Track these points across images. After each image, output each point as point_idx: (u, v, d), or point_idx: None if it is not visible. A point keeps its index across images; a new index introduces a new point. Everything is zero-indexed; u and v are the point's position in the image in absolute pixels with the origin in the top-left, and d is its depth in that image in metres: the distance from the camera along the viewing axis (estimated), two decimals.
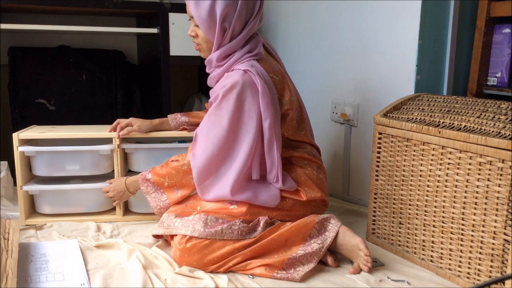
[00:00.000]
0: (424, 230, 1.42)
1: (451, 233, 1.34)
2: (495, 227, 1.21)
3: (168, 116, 1.77)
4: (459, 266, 1.33)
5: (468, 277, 1.30)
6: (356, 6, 1.90)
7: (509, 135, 1.18)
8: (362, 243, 1.39)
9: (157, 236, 1.54)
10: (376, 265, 1.42)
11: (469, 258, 1.29)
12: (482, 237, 1.25)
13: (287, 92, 1.51)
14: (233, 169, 1.42)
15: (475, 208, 1.26)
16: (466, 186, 1.28)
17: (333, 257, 1.42)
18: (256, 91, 1.40)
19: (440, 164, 1.34)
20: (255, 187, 1.44)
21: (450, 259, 1.35)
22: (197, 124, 1.76)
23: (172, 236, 1.44)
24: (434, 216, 1.38)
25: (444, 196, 1.34)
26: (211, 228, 1.36)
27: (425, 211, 1.41)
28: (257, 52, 1.49)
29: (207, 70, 1.56)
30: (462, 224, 1.30)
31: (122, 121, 1.73)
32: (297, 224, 1.41)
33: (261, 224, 1.40)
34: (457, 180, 1.30)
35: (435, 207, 1.38)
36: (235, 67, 1.45)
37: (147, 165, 1.76)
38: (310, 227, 1.42)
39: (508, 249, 1.19)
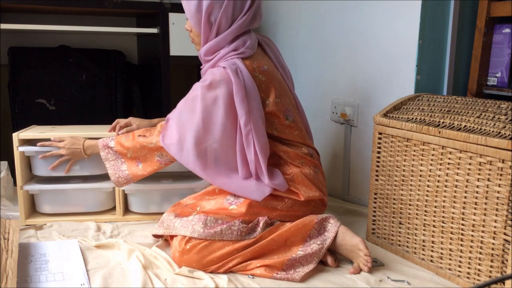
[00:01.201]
0: (424, 230, 1.42)
1: (451, 233, 1.34)
2: (495, 227, 1.21)
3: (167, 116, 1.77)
4: (459, 266, 1.33)
5: (468, 277, 1.30)
6: (356, 6, 1.90)
7: (509, 135, 1.18)
8: (362, 243, 1.39)
9: (157, 236, 1.54)
10: (376, 265, 1.42)
11: (469, 258, 1.29)
12: (482, 237, 1.25)
13: (272, 93, 1.51)
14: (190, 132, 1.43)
15: (475, 208, 1.26)
16: (466, 186, 1.28)
17: (333, 257, 1.42)
18: (231, 89, 1.42)
19: (440, 164, 1.34)
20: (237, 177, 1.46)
21: (450, 259, 1.35)
22: None
23: (172, 236, 1.44)
24: (434, 216, 1.38)
25: (444, 196, 1.34)
26: (211, 228, 1.36)
27: (425, 211, 1.41)
28: (243, 50, 1.49)
29: (202, 64, 1.59)
30: (462, 224, 1.30)
31: (122, 121, 1.74)
32: (296, 224, 1.41)
33: (261, 224, 1.40)
34: (457, 180, 1.30)
35: (435, 207, 1.38)
36: (219, 64, 1.47)
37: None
38: (309, 227, 1.42)
39: (508, 249, 1.19)
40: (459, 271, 1.33)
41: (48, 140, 1.67)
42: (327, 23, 2.07)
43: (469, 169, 1.27)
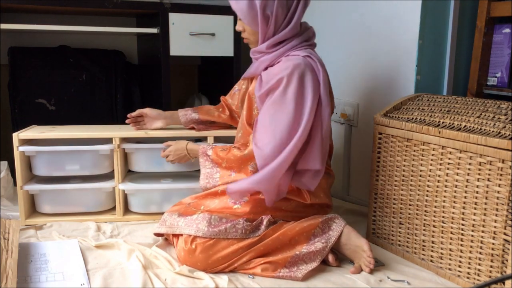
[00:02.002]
0: (424, 230, 1.42)
1: (451, 233, 1.34)
2: (495, 227, 1.21)
3: (179, 110, 1.78)
4: (459, 266, 1.33)
5: (468, 277, 1.30)
6: (356, 6, 1.90)
7: (509, 135, 1.18)
8: (366, 245, 1.39)
9: (158, 235, 1.54)
10: (376, 265, 1.42)
11: (469, 258, 1.29)
12: (482, 237, 1.25)
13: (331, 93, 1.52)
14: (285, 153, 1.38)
15: (475, 208, 1.26)
16: (466, 186, 1.28)
17: (334, 255, 1.42)
18: (316, 77, 1.40)
19: (440, 164, 1.34)
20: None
21: (450, 259, 1.35)
22: (206, 122, 1.77)
23: (174, 236, 1.44)
24: (434, 216, 1.38)
25: (444, 196, 1.34)
26: (215, 227, 1.36)
27: (425, 211, 1.41)
28: (313, 42, 1.50)
29: (253, 56, 1.54)
30: (462, 224, 1.30)
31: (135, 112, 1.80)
32: (301, 223, 1.42)
33: (264, 222, 1.40)
34: (457, 180, 1.30)
35: (435, 207, 1.38)
36: (291, 53, 1.43)
37: (147, 165, 1.76)
38: (314, 226, 1.42)
39: (508, 249, 1.19)
40: (459, 271, 1.33)
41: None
42: (326, 23, 2.07)
43: (469, 169, 1.26)
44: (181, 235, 1.40)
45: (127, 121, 1.78)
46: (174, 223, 1.43)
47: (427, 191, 1.40)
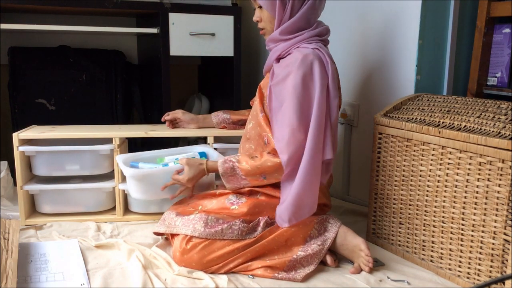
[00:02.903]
0: (424, 230, 1.42)
1: (451, 233, 1.34)
2: (495, 227, 1.21)
3: (211, 114, 1.83)
4: (459, 266, 1.33)
5: (468, 277, 1.30)
6: (356, 6, 1.90)
7: (509, 135, 1.18)
8: (363, 244, 1.39)
9: (158, 234, 1.54)
10: (376, 265, 1.42)
11: (469, 258, 1.29)
12: (482, 237, 1.25)
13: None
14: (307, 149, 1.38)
15: (475, 208, 1.26)
16: (466, 186, 1.28)
17: (333, 257, 1.42)
18: (324, 69, 1.42)
19: (440, 164, 1.34)
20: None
21: (450, 259, 1.35)
22: (237, 122, 1.80)
23: (173, 235, 1.44)
24: (434, 216, 1.38)
25: (444, 196, 1.34)
26: (211, 228, 1.36)
27: (425, 211, 1.41)
28: (326, 38, 1.53)
29: (268, 48, 1.57)
30: (462, 224, 1.30)
31: (170, 113, 1.82)
32: (296, 224, 1.41)
33: (261, 224, 1.40)
34: (457, 180, 1.30)
35: (435, 207, 1.38)
36: (302, 45, 1.47)
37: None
38: (310, 227, 1.42)
39: (508, 249, 1.19)
40: (459, 271, 1.33)
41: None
42: (326, 23, 2.07)
43: (469, 169, 1.26)
44: (178, 234, 1.40)
45: (162, 119, 1.82)
46: (172, 223, 1.44)
47: (427, 191, 1.40)
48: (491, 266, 1.23)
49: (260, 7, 1.52)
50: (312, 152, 1.37)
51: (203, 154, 1.71)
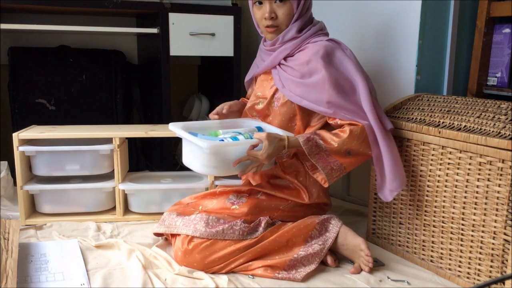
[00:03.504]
0: (424, 230, 1.42)
1: (451, 233, 1.34)
2: (495, 227, 1.21)
3: (241, 99, 1.76)
4: (459, 266, 1.33)
5: (468, 277, 1.30)
6: (356, 6, 1.90)
7: (509, 135, 1.18)
8: (363, 243, 1.39)
9: (158, 234, 1.54)
10: (376, 265, 1.42)
11: (469, 258, 1.29)
12: (482, 237, 1.25)
13: None
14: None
15: (475, 208, 1.26)
16: (466, 186, 1.28)
17: (333, 257, 1.42)
18: (345, 53, 1.47)
19: (440, 164, 1.34)
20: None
21: (450, 259, 1.35)
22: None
23: (173, 235, 1.44)
24: (434, 216, 1.38)
25: (444, 196, 1.34)
26: (213, 228, 1.36)
27: (425, 211, 1.41)
28: (327, 32, 1.57)
29: (271, 47, 1.54)
30: (462, 224, 1.30)
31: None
32: (298, 224, 1.42)
33: (262, 224, 1.40)
34: (457, 180, 1.30)
35: (435, 207, 1.38)
36: (312, 40, 1.49)
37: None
38: (311, 228, 1.42)
39: (508, 249, 1.19)
40: (459, 271, 1.33)
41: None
42: (326, 23, 2.07)
43: (469, 169, 1.26)
44: (179, 235, 1.40)
45: (214, 115, 1.61)
46: (172, 223, 1.43)
47: (427, 191, 1.40)
48: (491, 266, 1.23)
49: (282, 0, 1.46)
50: (379, 125, 1.40)
51: (259, 129, 1.54)
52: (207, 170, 1.43)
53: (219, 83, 2.46)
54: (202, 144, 1.34)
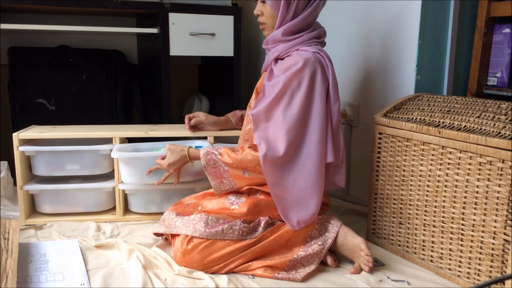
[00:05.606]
0: (424, 230, 1.42)
1: (451, 233, 1.34)
2: (495, 227, 1.21)
3: (227, 114, 1.81)
4: (459, 266, 1.33)
5: (468, 277, 1.30)
6: (356, 6, 1.90)
7: (509, 135, 1.18)
8: (363, 243, 1.39)
9: (158, 234, 1.54)
10: (376, 265, 1.42)
11: (469, 258, 1.29)
12: (482, 237, 1.25)
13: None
14: (312, 152, 1.40)
15: (475, 208, 1.26)
16: (466, 186, 1.28)
17: (333, 257, 1.42)
18: (325, 73, 1.43)
19: (440, 164, 1.34)
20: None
21: (450, 259, 1.35)
22: None
23: (173, 235, 1.44)
24: (434, 216, 1.38)
25: (444, 196, 1.34)
26: (212, 228, 1.36)
27: (425, 211, 1.41)
28: (323, 40, 1.54)
29: (265, 46, 1.56)
30: (462, 224, 1.30)
31: (190, 115, 1.77)
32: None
33: (262, 224, 1.40)
34: (457, 180, 1.30)
35: (435, 207, 1.38)
36: (301, 47, 1.46)
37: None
38: (310, 228, 1.42)
39: (508, 249, 1.19)
40: (459, 271, 1.33)
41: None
42: (326, 23, 2.07)
43: (469, 169, 1.27)
44: (179, 235, 1.40)
45: (186, 126, 1.76)
46: (172, 223, 1.43)
47: (427, 191, 1.40)
48: (491, 266, 1.23)
49: (263, 1, 1.50)
50: (317, 154, 1.39)
51: (198, 147, 1.67)
52: (128, 179, 1.68)
53: (219, 83, 2.47)
54: (113, 155, 1.64)
